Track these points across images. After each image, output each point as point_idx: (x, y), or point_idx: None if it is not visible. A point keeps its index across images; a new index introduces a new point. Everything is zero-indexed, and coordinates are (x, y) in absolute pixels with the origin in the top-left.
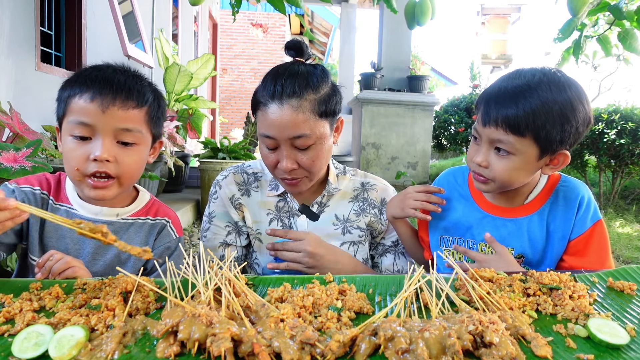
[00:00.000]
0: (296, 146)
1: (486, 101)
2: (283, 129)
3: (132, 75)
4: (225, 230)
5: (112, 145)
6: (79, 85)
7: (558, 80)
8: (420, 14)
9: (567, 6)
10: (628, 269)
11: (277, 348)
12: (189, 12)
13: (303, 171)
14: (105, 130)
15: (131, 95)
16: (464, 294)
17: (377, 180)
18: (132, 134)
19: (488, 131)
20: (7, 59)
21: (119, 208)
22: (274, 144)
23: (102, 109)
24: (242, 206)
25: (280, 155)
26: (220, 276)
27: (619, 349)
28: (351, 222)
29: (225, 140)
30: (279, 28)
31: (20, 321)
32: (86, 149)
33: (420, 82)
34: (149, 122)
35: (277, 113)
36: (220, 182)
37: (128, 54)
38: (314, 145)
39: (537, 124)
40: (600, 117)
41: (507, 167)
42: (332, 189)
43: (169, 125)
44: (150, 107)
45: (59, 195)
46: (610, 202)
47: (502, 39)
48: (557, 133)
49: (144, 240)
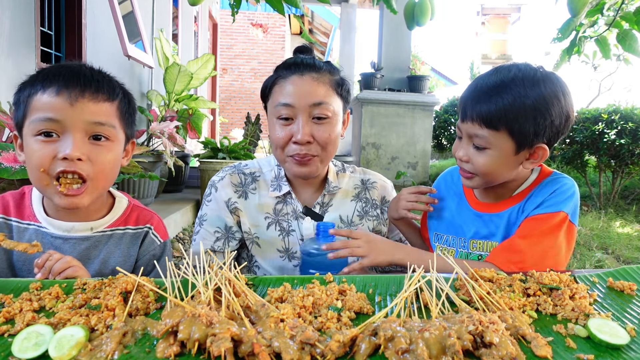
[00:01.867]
0: (314, 116)
1: (464, 98)
2: (304, 95)
3: (99, 71)
4: (214, 237)
5: (84, 142)
6: (41, 82)
7: (533, 76)
8: (419, 14)
9: (567, 6)
10: (628, 269)
11: (277, 348)
12: (189, 12)
13: (317, 147)
14: (75, 125)
15: (101, 88)
16: (464, 294)
17: (376, 177)
18: (105, 129)
19: (466, 126)
20: (7, 59)
21: (93, 221)
22: (291, 113)
23: (71, 101)
24: (238, 210)
25: (295, 127)
26: (220, 276)
27: (619, 349)
28: (355, 225)
29: (225, 140)
30: (279, 28)
31: (20, 321)
32: (53, 148)
33: (420, 82)
34: (121, 119)
35: (298, 82)
36: (216, 183)
37: (128, 54)
38: (330, 120)
39: (509, 118)
40: (600, 117)
41: (485, 161)
42: (332, 188)
43: (168, 125)
44: (121, 102)
45: (24, 214)
46: (610, 202)
47: (502, 39)
48: (531, 126)
49: (125, 252)
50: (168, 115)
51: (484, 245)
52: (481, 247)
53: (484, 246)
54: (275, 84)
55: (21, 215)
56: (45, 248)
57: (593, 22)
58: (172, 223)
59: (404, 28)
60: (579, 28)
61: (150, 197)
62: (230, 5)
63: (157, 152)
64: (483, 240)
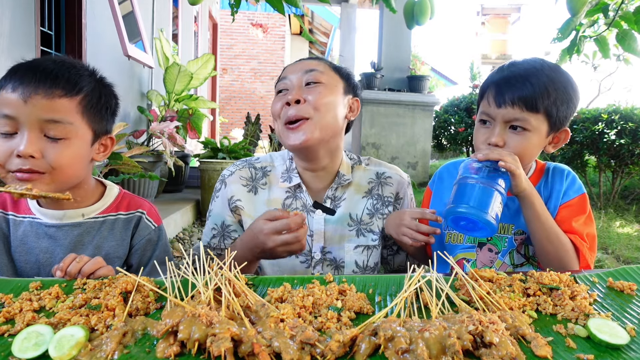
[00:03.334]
0: (307, 82)
1: (497, 85)
2: (301, 67)
3: (68, 65)
4: (211, 233)
5: (38, 139)
6: (6, 78)
7: (553, 65)
8: (419, 14)
9: (567, 6)
10: (628, 269)
11: (277, 348)
12: (189, 12)
13: (308, 108)
14: (29, 122)
15: (57, 83)
16: (464, 294)
17: (392, 171)
18: (61, 126)
19: (503, 111)
20: (7, 59)
21: (83, 208)
22: (289, 85)
23: (24, 98)
24: (239, 209)
25: (288, 94)
26: (220, 276)
27: (619, 349)
28: (365, 224)
29: (225, 140)
30: (279, 28)
31: (20, 321)
32: (10, 145)
33: (420, 82)
34: (84, 114)
35: (297, 64)
36: (225, 178)
37: (128, 54)
38: (325, 85)
39: (550, 100)
40: (600, 117)
41: (522, 143)
42: (343, 180)
43: (169, 125)
44: (85, 97)
45: (19, 208)
46: (610, 202)
47: (502, 39)
48: (565, 109)
49: (119, 238)
50: (168, 115)
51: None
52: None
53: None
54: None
55: (17, 209)
56: (40, 237)
57: (593, 22)
58: (172, 223)
59: (404, 28)
60: (578, 28)
61: (150, 197)
62: (230, 5)
63: (157, 152)
64: None
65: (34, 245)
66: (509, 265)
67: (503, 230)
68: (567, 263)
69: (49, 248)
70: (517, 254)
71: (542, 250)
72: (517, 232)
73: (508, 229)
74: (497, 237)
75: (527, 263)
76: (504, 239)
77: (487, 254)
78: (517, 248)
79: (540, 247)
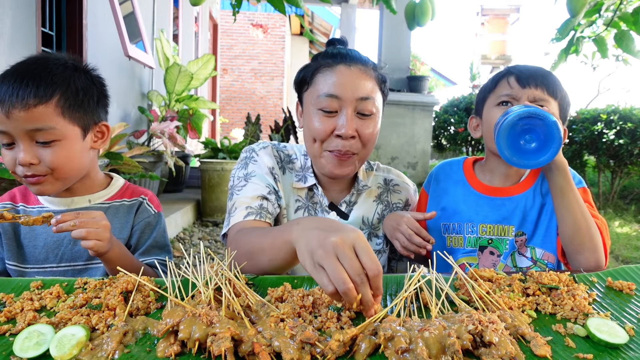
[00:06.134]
0: (359, 111)
1: (518, 70)
2: (352, 87)
3: (40, 67)
4: (266, 189)
5: (31, 147)
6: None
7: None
8: (420, 15)
9: (566, 7)
10: (627, 268)
11: (277, 347)
12: (189, 12)
13: (358, 144)
14: (17, 134)
15: (29, 92)
16: (464, 294)
17: (399, 179)
18: (46, 132)
19: (528, 91)
20: (8, 59)
21: (89, 195)
22: (336, 106)
23: (5, 113)
24: (277, 182)
25: (340, 120)
26: (221, 276)
27: (618, 349)
28: (375, 228)
29: (226, 140)
30: (279, 28)
31: (21, 321)
32: (13, 154)
33: (420, 83)
34: (65, 114)
35: (345, 72)
36: (256, 150)
37: (129, 55)
38: (374, 117)
39: (562, 94)
40: (599, 117)
41: None
42: (361, 187)
43: (169, 125)
44: (61, 98)
45: (29, 200)
46: (609, 202)
47: (502, 40)
48: (566, 109)
49: (122, 221)
50: (168, 116)
51: (494, 229)
52: (491, 231)
53: (495, 230)
54: (318, 72)
55: (27, 201)
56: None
57: (591, 22)
58: (172, 223)
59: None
60: (577, 28)
61: None
62: (231, 5)
63: (158, 152)
64: (494, 224)
65: (42, 230)
66: (512, 268)
67: (503, 232)
68: (597, 242)
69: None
70: (519, 256)
71: (575, 226)
72: (517, 233)
73: (508, 231)
74: (497, 240)
75: (535, 266)
76: (504, 241)
77: (489, 257)
78: (519, 250)
79: (572, 222)
